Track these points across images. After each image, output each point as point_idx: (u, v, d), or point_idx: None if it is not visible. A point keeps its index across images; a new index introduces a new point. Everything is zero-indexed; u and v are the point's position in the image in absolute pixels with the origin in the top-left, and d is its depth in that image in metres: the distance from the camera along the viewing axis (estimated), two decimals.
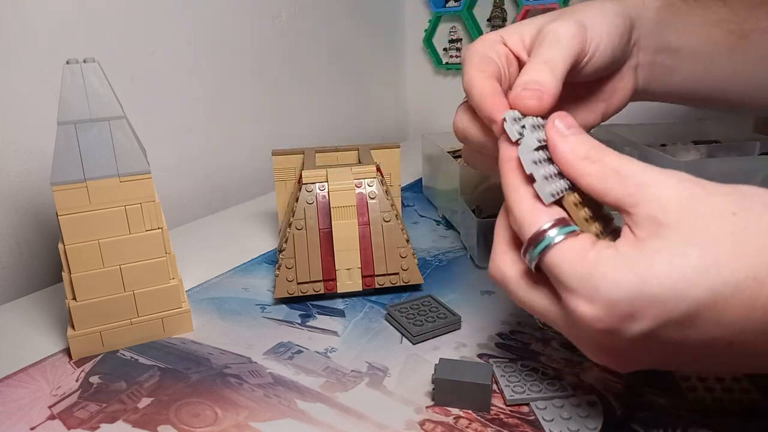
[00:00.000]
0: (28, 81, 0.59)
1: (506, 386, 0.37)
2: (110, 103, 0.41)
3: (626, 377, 0.38)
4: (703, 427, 0.34)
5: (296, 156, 0.60)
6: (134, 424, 0.36)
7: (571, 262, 0.28)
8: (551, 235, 0.30)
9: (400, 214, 0.57)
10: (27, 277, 0.61)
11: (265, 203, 0.80)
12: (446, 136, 0.77)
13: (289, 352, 0.43)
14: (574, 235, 0.29)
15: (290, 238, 0.50)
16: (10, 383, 0.41)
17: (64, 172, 0.40)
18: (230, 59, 0.83)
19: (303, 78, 0.96)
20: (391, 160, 0.60)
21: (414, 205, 0.76)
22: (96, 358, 0.43)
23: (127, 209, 0.42)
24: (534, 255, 0.30)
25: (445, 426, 0.35)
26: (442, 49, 1.17)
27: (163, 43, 0.73)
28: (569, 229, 0.30)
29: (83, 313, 0.43)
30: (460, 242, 0.63)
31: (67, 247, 0.41)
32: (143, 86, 0.71)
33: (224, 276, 0.57)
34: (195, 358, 0.43)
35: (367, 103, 1.15)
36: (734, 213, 0.27)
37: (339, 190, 0.50)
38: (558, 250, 0.29)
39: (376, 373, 0.40)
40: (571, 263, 0.28)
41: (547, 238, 0.30)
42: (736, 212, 0.27)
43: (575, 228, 0.30)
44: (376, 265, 0.50)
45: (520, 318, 0.46)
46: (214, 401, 0.38)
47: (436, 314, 0.46)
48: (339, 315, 0.49)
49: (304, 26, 0.95)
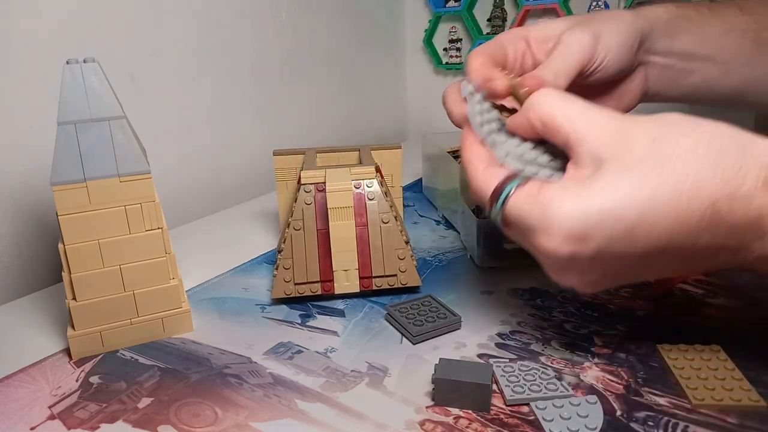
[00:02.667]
0: (28, 81, 0.59)
1: (506, 386, 0.37)
2: (110, 103, 0.41)
3: (626, 377, 0.38)
4: (703, 427, 0.34)
5: (297, 156, 0.60)
6: (134, 424, 0.36)
7: (525, 206, 0.33)
8: (507, 187, 0.34)
9: (400, 216, 0.57)
10: (27, 277, 0.61)
11: (266, 203, 0.80)
12: (446, 136, 0.77)
13: (289, 352, 0.43)
14: (524, 184, 0.34)
15: (288, 239, 0.50)
16: (10, 383, 0.41)
17: (64, 172, 0.40)
18: (230, 59, 0.83)
19: (303, 78, 0.97)
20: (393, 160, 0.60)
21: (414, 205, 0.76)
22: (96, 358, 0.43)
23: (127, 209, 0.42)
24: (497, 209, 0.35)
25: (445, 426, 0.35)
26: (442, 49, 1.17)
27: (163, 43, 0.73)
28: (519, 179, 0.35)
29: (83, 313, 0.43)
30: (460, 242, 0.63)
31: (67, 247, 0.41)
32: (143, 86, 0.71)
33: (224, 276, 0.57)
34: (195, 358, 0.43)
35: (367, 103, 1.15)
36: (654, 139, 0.31)
37: (336, 191, 0.50)
38: (514, 199, 0.34)
39: (376, 373, 0.40)
40: (526, 207, 0.33)
41: (504, 191, 0.34)
42: (655, 138, 0.31)
43: (524, 176, 0.35)
44: (374, 267, 0.50)
45: (520, 318, 0.46)
46: (214, 401, 0.38)
47: (436, 314, 0.46)
48: (339, 315, 0.49)
49: (305, 26, 0.95)
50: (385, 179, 0.58)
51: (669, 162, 0.30)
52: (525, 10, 1.02)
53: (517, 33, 0.45)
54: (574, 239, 0.31)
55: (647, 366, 0.39)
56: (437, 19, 1.14)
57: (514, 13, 1.05)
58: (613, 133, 0.32)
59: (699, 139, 0.31)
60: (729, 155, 0.30)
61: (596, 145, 0.32)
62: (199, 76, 0.79)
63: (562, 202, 0.31)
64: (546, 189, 0.33)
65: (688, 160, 0.30)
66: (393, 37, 1.19)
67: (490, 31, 1.09)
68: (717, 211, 0.30)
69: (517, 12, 1.03)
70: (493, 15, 1.08)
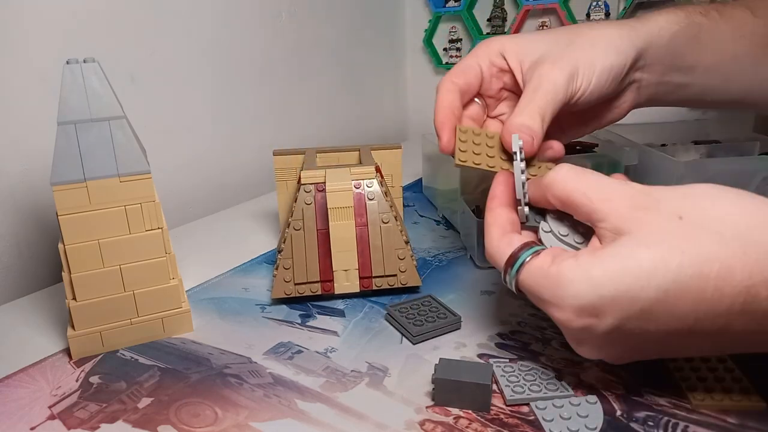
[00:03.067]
0: (28, 81, 0.59)
1: (506, 386, 0.37)
2: (110, 103, 0.41)
3: (626, 377, 0.38)
4: (703, 427, 0.34)
5: (297, 156, 0.60)
6: (134, 424, 0.36)
7: (538, 278, 0.33)
8: (521, 257, 0.34)
9: (400, 216, 0.57)
10: (27, 277, 0.61)
11: (266, 203, 0.80)
12: None
13: (289, 352, 0.43)
14: (537, 255, 0.34)
15: (288, 239, 0.50)
16: (10, 383, 0.41)
17: (64, 172, 0.40)
18: (230, 59, 0.83)
19: (303, 78, 0.96)
20: (393, 160, 0.60)
21: (414, 205, 0.76)
22: (96, 358, 0.43)
23: (127, 209, 0.42)
24: (512, 275, 0.35)
25: (445, 426, 0.35)
26: (442, 49, 1.17)
27: (163, 43, 0.73)
28: (534, 249, 0.34)
29: (83, 313, 0.43)
30: (460, 242, 0.63)
31: (67, 247, 0.41)
32: (143, 86, 0.71)
33: (224, 276, 0.57)
34: (195, 358, 0.43)
35: (367, 103, 1.15)
36: (681, 217, 0.30)
37: (336, 191, 0.50)
38: (526, 270, 0.34)
39: (376, 373, 0.40)
40: (539, 279, 0.33)
41: (518, 260, 0.34)
42: (682, 216, 0.30)
43: (539, 248, 0.35)
44: (374, 267, 0.50)
45: (520, 318, 0.46)
46: (214, 401, 0.38)
47: (436, 314, 0.46)
48: (339, 315, 0.49)
49: (305, 26, 0.95)
50: (385, 179, 0.58)
51: (695, 241, 0.29)
52: (525, 10, 1.03)
53: (493, 47, 0.44)
54: (587, 313, 0.31)
55: (647, 366, 0.39)
56: (437, 19, 1.14)
57: (514, 13, 1.05)
58: (634, 207, 0.31)
59: (728, 217, 0.29)
60: (763, 235, 0.28)
61: (617, 220, 0.31)
62: (199, 76, 0.79)
63: (574, 276, 0.31)
64: (558, 261, 0.32)
65: (715, 241, 0.29)
66: (393, 37, 1.19)
67: (490, 31, 1.09)
68: (753, 297, 0.28)
69: (517, 12, 1.03)
70: (493, 15, 1.08)
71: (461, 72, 0.44)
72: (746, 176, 0.54)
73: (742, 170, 0.55)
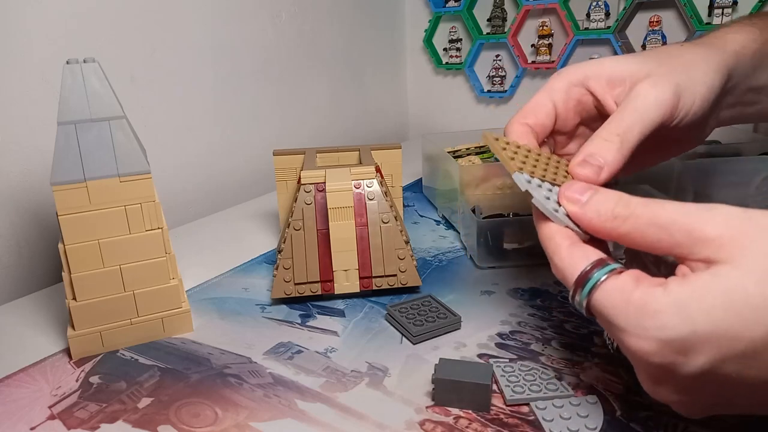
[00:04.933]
0: (28, 81, 0.59)
1: (506, 386, 0.37)
2: (110, 103, 0.41)
3: (626, 377, 0.38)
4: (703, 427, 0.34)
5: (297, 156, 0.60)
6: (134, 424, 0.36)
7: (616, 303, 0.28)
8: (595, 275, 0.29)
9: (400, 215, 0.57)
10: (27, 277, 0.61)
11: (266, 203, 0.80)
12: (446, 136, 0.77)
13: (289, 352, 0.43)
14: (616, 273, 0.29)
15: (288, 239, 0.50)
16: (10, 383, 0.41)
17: (64, 172, 0.40)
18: (230, 59, 0.83)
19: (303, 78, 0.97)
20: (393, 160, 0.60)
21: (414, 205, 0.76)
22: (96, 358, 0.43)
23: (127, 209, 0.42)
24: (583, 296, 0.30)
25: (445, 426, 0.35)
26: (442, 49, 1.17)
27: (163, 43, 0.73)
28: (611, 267, 0.29)
29: (83, 313, 0.43)
30: (460, 242, 0.63)
31: (67, 247, 0.41)
32: (143, 86, 0.71)
33: (224, 276, 0.57)
34: (195, 358, 0.43)
35: (368, 103, 1.15)
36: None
37: (336, 191, 0.50)
38: (603, 290, 0.29)
39: (376, 373, 0.40)
40: (617, 304, 0.28)
41: (592, 279, 0.29)
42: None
43: (616, 265, 0.30)
44: (374, 267, 0.50)
45: (520, 318, 0.46)
46: (214, 401, 0.38)
47: (436, 314, 0.46)
48: (339, 315, 0.49)
49: (305, 26, 0.95)
50: (385, 179, 0.58)
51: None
52: (525, 10, 1.03)
53: (571, 78, 0.39)
54: (674, 350, 0.26)
55: None
56: (437, 19, 1.15)
57: (514, 13, 1.05)
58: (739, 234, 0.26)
59: None
60: None
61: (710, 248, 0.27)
62: (199, 76, 0.79)
63: (661, 306, 0.26)
64: (644, 287, 0.28)
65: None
66: (393, 37, 1.20)
67: (490, 31, 1.09)
68: None
69: (517, 12, 1.03)
70: (493, 15, 1.08)
71: (531, 112, 0.38)
72: (746, 176, 0.54)
73: (742, 170, 0.55)
